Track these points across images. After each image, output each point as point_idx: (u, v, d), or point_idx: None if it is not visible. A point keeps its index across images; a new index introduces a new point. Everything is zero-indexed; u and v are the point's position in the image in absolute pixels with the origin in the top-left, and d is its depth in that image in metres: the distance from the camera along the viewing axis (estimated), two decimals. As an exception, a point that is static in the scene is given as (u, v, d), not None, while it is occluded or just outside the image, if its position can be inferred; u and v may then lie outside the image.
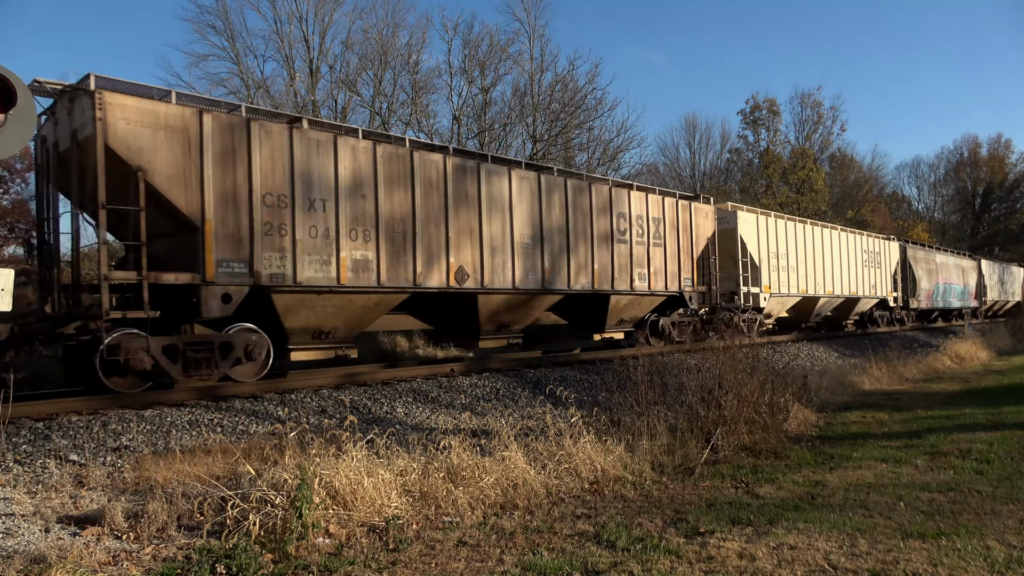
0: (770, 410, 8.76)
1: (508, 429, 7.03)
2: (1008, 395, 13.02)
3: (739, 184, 49.83)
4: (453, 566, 4.76)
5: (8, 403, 7.02)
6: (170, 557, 4.83)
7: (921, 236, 50.71)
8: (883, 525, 5.45)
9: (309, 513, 5.12)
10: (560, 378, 12.47)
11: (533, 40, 34.13)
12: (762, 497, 6.43)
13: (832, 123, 52.30)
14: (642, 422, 8.00)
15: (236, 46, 29.88)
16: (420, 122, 32.23)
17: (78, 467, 6.88)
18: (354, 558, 4.85)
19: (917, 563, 4.63)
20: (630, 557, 4.84)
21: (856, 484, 6.80)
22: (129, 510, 5.48)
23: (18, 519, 5.32)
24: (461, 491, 6.00)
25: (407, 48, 32.66)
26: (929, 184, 71.09)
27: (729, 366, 8.68)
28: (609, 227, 15.27)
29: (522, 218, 13.56)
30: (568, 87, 33.40)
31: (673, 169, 52.35)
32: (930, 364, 18.86)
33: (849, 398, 12.99)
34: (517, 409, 10.43)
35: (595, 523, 5.65)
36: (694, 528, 5.47)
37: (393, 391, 10.72)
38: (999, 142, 68.50)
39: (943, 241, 59.67)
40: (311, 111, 29.75)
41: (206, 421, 8.57)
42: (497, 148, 32.60)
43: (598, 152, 34.52)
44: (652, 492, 6.68)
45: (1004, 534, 5.18)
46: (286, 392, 10.08)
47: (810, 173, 46.51)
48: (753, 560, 4.74)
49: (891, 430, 9.80)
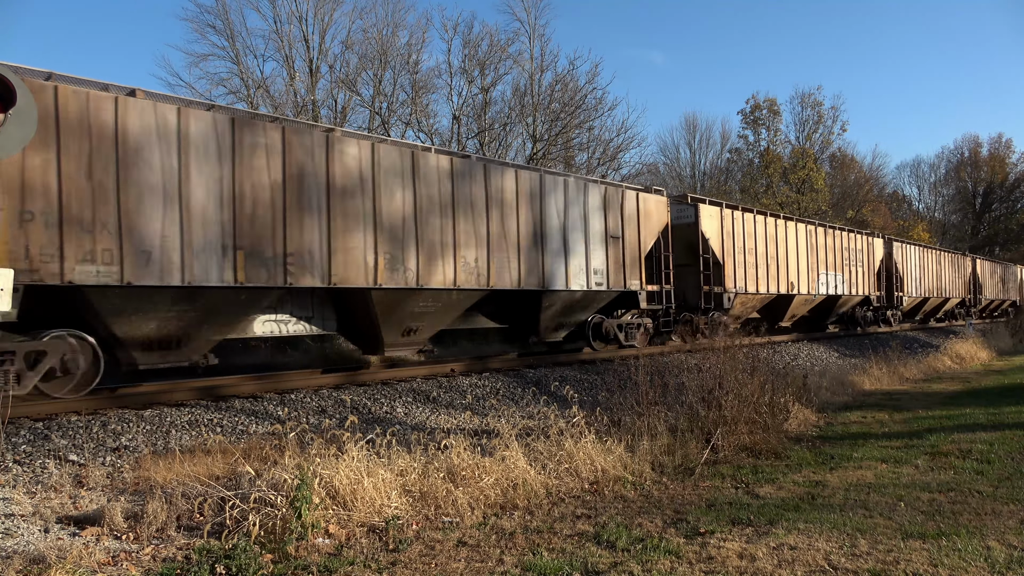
0: (770, 410, 8.76)
1: (508, 429, 7.03)
2: (1008, 395, 13.01)
3: (739, 184, 49.84)
4: (453, 566, 4.76)
5: (8, 403, 7.02)
6: (170, 557, 4.83)
7: (921, 236, 50.74)
8: (883, 525, 5.45)
9: (309, 513, 5.11)
10: (560, 378, 12.46)
11: (533, 40, 34.16)
12: (762, 497, 6.42)
13: (832, 123, 52.32)
14: (642, 422, 7.99)
15: (236, 46, 29.94)
16: (420, 122, 32.25)
17: (78, 467, 6.88)
18: (354, 558, 4.84)
19: (917, 563, 4.62)
20: (630, 557, 4.83)
21: (856, 484, 6.80)
22: (129, 510, 5.47)
23: (17, 519, 5.31)
24: (461, 491, 6.00)
25: (407, 48, 32.70)
26: (929, 184, 71.15)
27: (729, 366, 8.67)
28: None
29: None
30: (568, 87, 33.43)
31: (673, 169, 52.43)
32: (930, 364, 18.85)
33: (849, 398, 12.98)
34: (518, 409, 10.42)
35: (595, 523, 5.65)
36: (694, 528, 5.46)
37: (393, 391, 10.72)
38: (1000, 142, 68.60)
39: (943, 241, 59.70)
40: (311, 111, 29.76)
41: (206, 421, 8.56)
42: (497, 148, 32.61)
43: (598, 152, 34.57)
44: (652, 492, 6.67)
45: (1004, 534, 5.18)
46: (286, 392, 10.08)
47: (810, 173, 46.51)
48: (753, 560, 4.73)
49: (891, 430, 9.80)
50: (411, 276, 11.32)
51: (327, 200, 10.30)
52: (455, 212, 11.96)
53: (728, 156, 52.90)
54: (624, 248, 15.26)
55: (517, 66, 33.70)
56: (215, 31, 30.26)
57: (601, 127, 34.70)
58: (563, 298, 14.02)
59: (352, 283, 10.58)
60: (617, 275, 15.05)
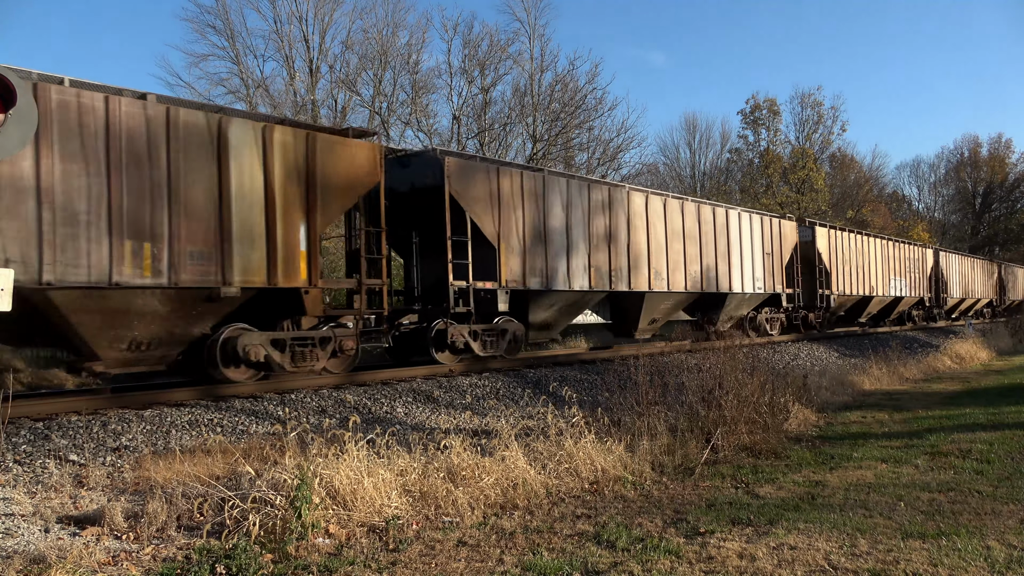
0: (770, 410, 8.75)
1: (508, 429, 7.03)
2: (1008, 395, 13.01)
3: (739, 184, 49.83)
4: (453, 566, 4.76)
5: (8, 403, 7.02)
6: (170, 557, 4.83)
7: (921, 236, 50.76)
8: (883, 525, 5.45)
9: (309, 513, 5.11)
10: (560, 378, 12.46)
11: (533, 40, 34.19)
12: (762, 497, 6.42)
13: (832, 123, 52.27)
14: (642, 422, 7.99)
15: (236, 46, 29.98)
16: (420, 122, 32.25)
17: (78, 467, 6.88)
18: (354, 558, 4.84)
19: (917, 563, 4.63)
20: (630, 557, 4.83)
21: (856, 484, 6.80)
22: (129, 510, 5.47)
23: (18, 519, 5.32)
24: (461, 491, 6.00)
25: (407, 48, 32.74)
26: (929, 184, 71.18)
27: (729, 366, 8.67)
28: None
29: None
30: (568, 87, 33.46)
31: (673, 169, 52.45)
32: (930, 364, 18.85)
33: (849, 398, 12.98)
34: (517, 409, 10.42)
35: (595, 523, 5.65)
36: (694, 528, 5.46)
37: (393, 391, 10.71)
38: (999, 142, 68.59)
39: (943, 241, 59.68)
40: (311, 111, 29.76)
41: (206, 421, 8.56)
42: (497, 148, 32.61)
43: (598, 152, 34.58)
44: (652, 492, 6.67)
45: (1004, 534, 5.18)
46: (286, 392, 10.07)
47: (810, 173, 46.48)
48: (753, 560, 4.73)
49: (891, 430, 9.80)
50: (663, 283, 16.79)
51: (627, 234, 15.83)
52: (685, 239, 17.50)
53: (728, 156, 52.93)
54: (774, 262, 20.84)
55: (517, 66, 33.75)
56: (215, 31, 30.33)
57: (601, 127, 34.77)
58: (737, 298, 19.43)
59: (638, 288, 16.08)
60: (769, 281, 20.58)
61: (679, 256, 17.18)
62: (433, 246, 12.88)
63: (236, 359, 9.85)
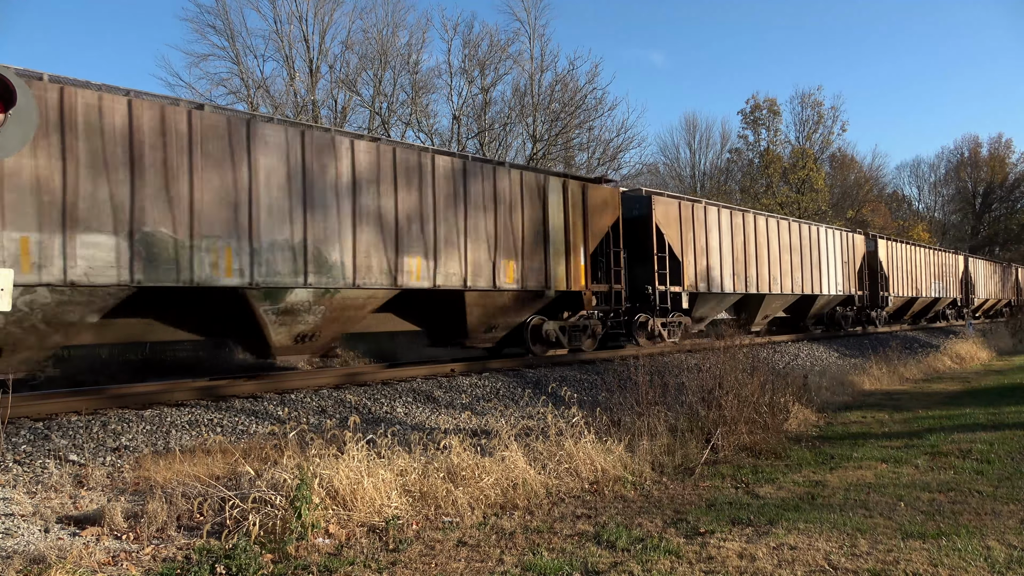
0: (770, 410, 8.75)
1: (508, 429, 7.03)
2: (1008, 395, 13.01)
3: (739, 184, 49.84)
4: (453, 566, 4.76)
5: (8, 402, 7.02)
6: (170, 557, 4.83)
7: (921, 236, 50.78)
8: (883, 525, 5.45)
9: (309, 513, 5.11)
10: (560, 378, 12.46)
11: (533, 40, 34.18)
12: (762, 497, 6.42)
13: (832, 123, 52.28)
14: (642, 422, 7.99)
15: (236, 46, 29.94)
16: (420, 122, 32.25)
17: (78, 467, 6.88)
18: (354, 558, 4.84)
19: (917, 563, 4.63)
20: (630, 557, 4.83)
21: (856, 484, 6.80)
22: (129, 510, 5.47)
23: (18, 519, 5.32)
24: (461, 491, 6.00)
25: (407, 48, 32.72)
26: (929, 184, 71.18)
27: (729, 366, 8.66)
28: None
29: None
30: (568, 87, 33.45)
31: (673, 169, 52.48)
32: (930, 364, 18.84)
33: (849, 398, 12.98)
34: (517, 409, 10.42)
35: (595, 523, 5.65)
36: (694, 528, 5.46)
37: (393, 391, 10.71)
38: (999, 142, 68.63)
39: (943, 241, 59.68)
40: (310, 111, 29.76)
41: (206, 421, 8.56)
42: (497, 148, 32.61)
43: (598, 152, 34.57)
44: (652, 492, 6.67)
45: (1004, 534, 5.18)
46: (286, 392, 10.08)
47: (810, 173, 46.51)
48: (753, 560, 4.73)
49: (891, 430, 9.80)
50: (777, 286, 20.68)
51: (755, 249, 20.16)
52: (791, 252, 21.60)
53: (728, 156, 52.95)
54: (848, 269, 25.08)
55: (517, 66, 33.74)
56: (215, 31, 30.28)
57: (601, 127, 34.77)
58: (824, 298, 23.68)
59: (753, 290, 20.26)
60: (845, 285, 24.86)
61: (788, 266, 21.62)
62: (638, 259, 17.06)
63: (538, 339, 14.41)
